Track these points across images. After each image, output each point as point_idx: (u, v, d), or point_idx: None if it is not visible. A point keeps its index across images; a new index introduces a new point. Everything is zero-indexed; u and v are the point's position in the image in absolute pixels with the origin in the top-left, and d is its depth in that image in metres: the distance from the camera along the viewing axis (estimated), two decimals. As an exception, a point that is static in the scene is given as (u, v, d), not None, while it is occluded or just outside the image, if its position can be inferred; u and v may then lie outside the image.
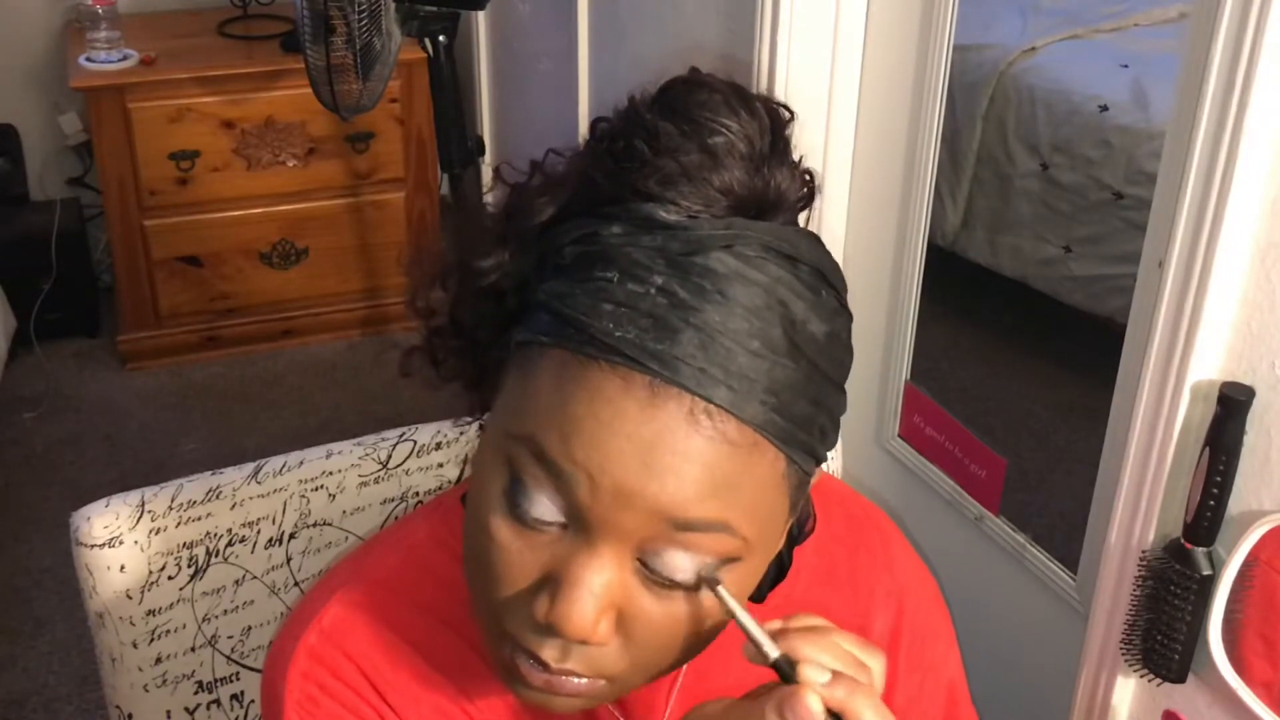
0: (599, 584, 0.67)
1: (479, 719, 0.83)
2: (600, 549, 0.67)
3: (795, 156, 0.73)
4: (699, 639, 0.73)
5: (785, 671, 0.68)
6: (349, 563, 0.88)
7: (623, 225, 0.69)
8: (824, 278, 0.72)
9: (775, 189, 0.71)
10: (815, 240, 0.73)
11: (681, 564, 0.68)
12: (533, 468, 0.68)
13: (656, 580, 0.69)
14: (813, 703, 0.65)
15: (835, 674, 0.67)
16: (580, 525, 0.68)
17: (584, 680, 0.71)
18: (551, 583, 0.68)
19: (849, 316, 0.74)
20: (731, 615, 0.70)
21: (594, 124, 0.75)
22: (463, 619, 0.82)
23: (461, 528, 0.81)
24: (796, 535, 0.85)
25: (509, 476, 0.69)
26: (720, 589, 0.69)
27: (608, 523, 0.67)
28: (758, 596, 0.84)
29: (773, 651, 0.69)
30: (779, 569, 0.85)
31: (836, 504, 0.94)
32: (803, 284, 0.70)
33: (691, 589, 0.69)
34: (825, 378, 0.71)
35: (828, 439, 0.73)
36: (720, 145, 0.69)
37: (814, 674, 0.67)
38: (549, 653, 0.70)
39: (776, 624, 0.71)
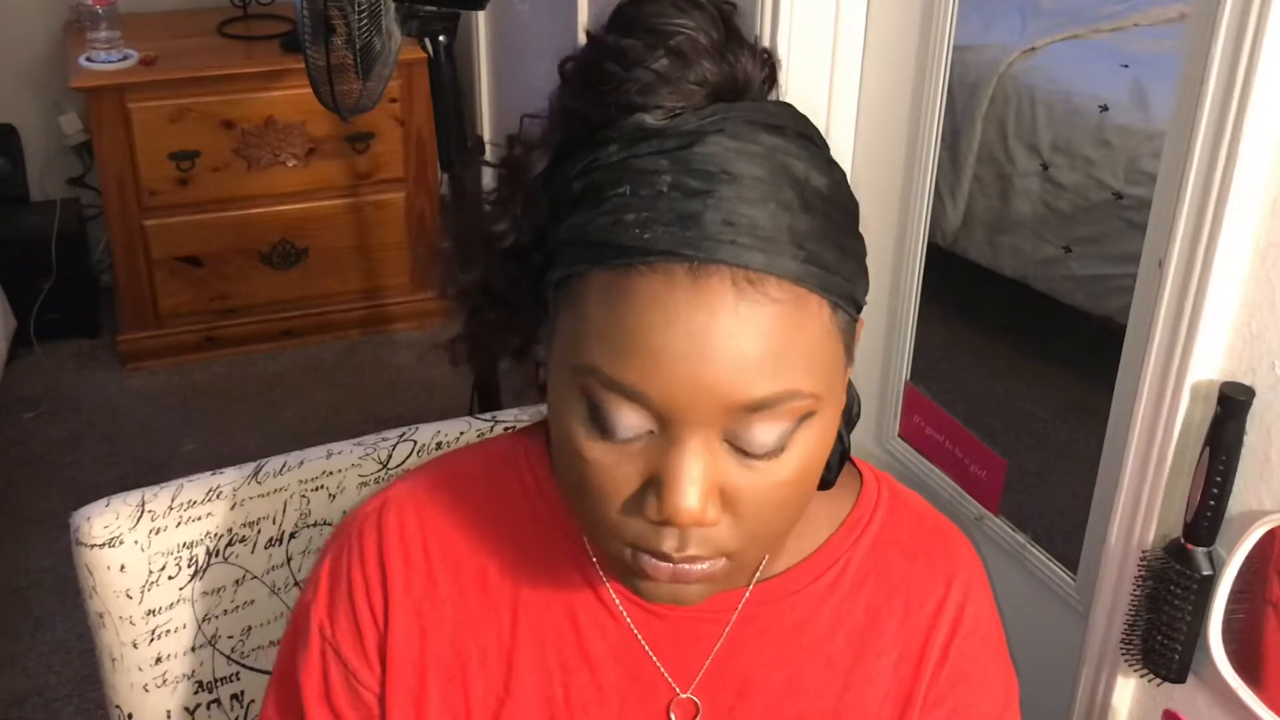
0: (696, 471, 0.72)
1: (516, 609, 0.88)
2: (688, 441, 0.71)
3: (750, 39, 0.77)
4: (797, 497, 0.77)
5: None
6: (426, 463, 0.94)
7: (617, 144, 0.73)
8: (810, 139, 0.76)
9: (743, 71, 0.75)
10: (791, 108, 0.78)
11: (764, 437, 0.72)
12: (605, 392, 0.72)
13: (747, 454, 0.73)
14: None
15: None
16: (665, 426, 0.72)
17: (706, 564, 0.75)
18: (654, 483, 0.73)
19: (842, 170, 0.78)
20: None
21: (560, 66, 0.79)
22: (509, 518, 0.89)
23: (535, 455, 0.90)
24: (848, 418, 0.89)
25: (586, 405, 0.73)
26: None
27: (688, 417, 0.71)
28: (827, 480, 0.88)
29: None
30: (841, 453, 0.89)
31: (910, 515, 0.94)
32: (796, 146, 0.74)
33: (779, 453, 0.73)
34: (840, 225, 0.75)
35: (861, 282, 0.78)
36: (684, 43, 0.73)
37: None
38: (669, 543, 0.74)
39: None
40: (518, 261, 0.80)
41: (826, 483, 0.88)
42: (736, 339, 0.69)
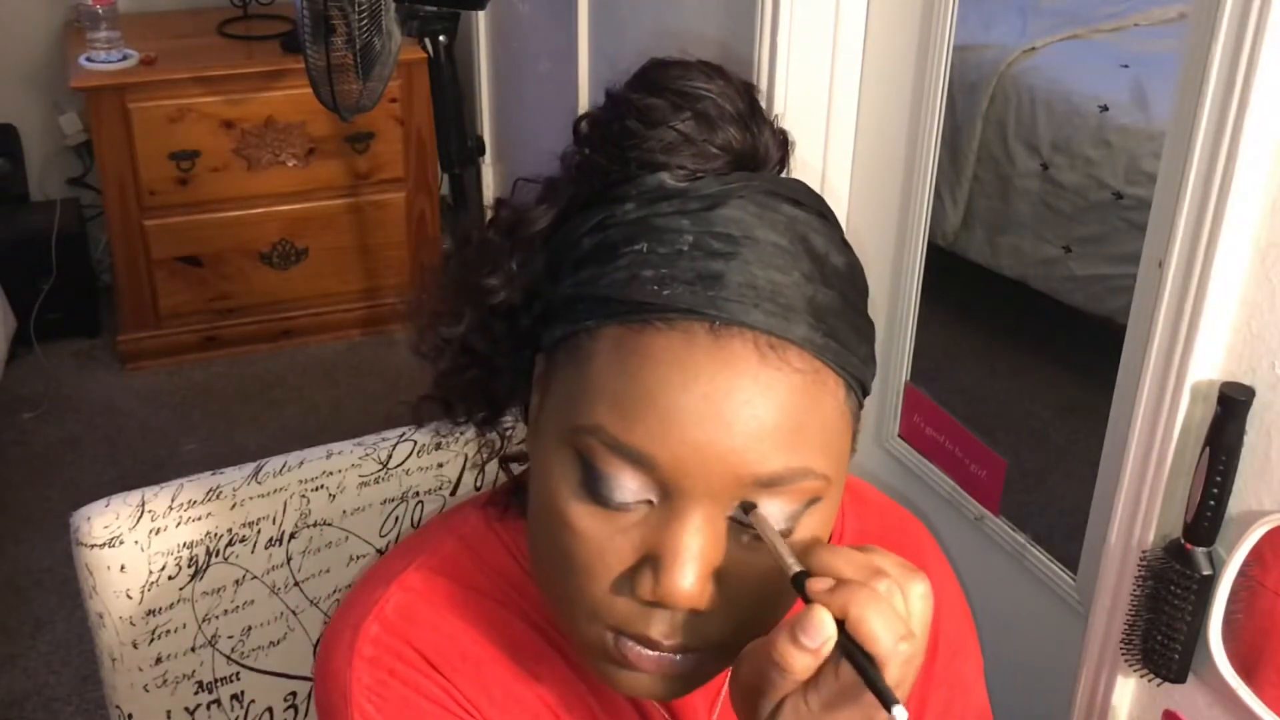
0: (698, 549, 0.67)
1: (550, 700, 0.82)
2: (692, 515, 0.67)
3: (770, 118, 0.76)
4: (792, 591, 0.70)
5: (802, 589, 0.65)
6: (403, 550, 0.87)
7: (634, 202, 0.71)
8: (826, 218, 0.75)
9: (764, 144, 0.74)
10: (808, 186, 0.76)
11: (772, 516, 0.68)
12: (607, 455, 0.68)
13: (750, 534, 0.69)
14: (821, 617, 0.62)
15: (840, 582, 0.64)
16: (668, 496, 0.68)
17: (691, 657, 0.71)
18: (651, 560, 0.68)
19: (856, 255, 0.76)
20: (763, 536, 0.68)
21: (576, 124, 0.77)
22: (522, 603, 0.83)
23: (507, 520, 0.83)
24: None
25: (581, 469, 0.69)
26: (756, 513, 0.68)
27: (696, 487, 0.67)
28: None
29: (792, 567, 0.66)
30: None
31: (874, 512, 0.94)
32: (816, 221, 0.73)
33: (784, 537, 0.69)
34: (854, 307, 0.73)
35: (870, 368, 0.75)
36: (710, 107, 0.72)
37: (817, 584, 0.64)
38: (659, 629, 0.69)
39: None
40: (504, 321, 0.77)
41: None
42: (755, 406, 0.66)
